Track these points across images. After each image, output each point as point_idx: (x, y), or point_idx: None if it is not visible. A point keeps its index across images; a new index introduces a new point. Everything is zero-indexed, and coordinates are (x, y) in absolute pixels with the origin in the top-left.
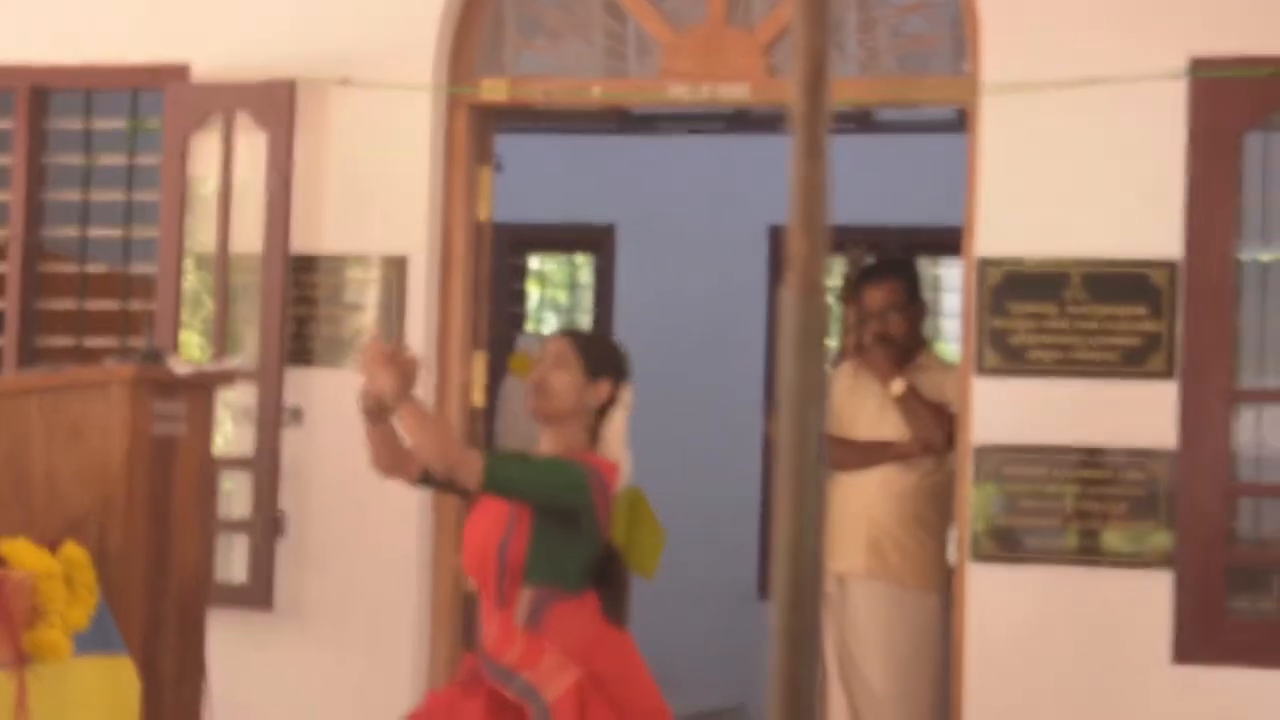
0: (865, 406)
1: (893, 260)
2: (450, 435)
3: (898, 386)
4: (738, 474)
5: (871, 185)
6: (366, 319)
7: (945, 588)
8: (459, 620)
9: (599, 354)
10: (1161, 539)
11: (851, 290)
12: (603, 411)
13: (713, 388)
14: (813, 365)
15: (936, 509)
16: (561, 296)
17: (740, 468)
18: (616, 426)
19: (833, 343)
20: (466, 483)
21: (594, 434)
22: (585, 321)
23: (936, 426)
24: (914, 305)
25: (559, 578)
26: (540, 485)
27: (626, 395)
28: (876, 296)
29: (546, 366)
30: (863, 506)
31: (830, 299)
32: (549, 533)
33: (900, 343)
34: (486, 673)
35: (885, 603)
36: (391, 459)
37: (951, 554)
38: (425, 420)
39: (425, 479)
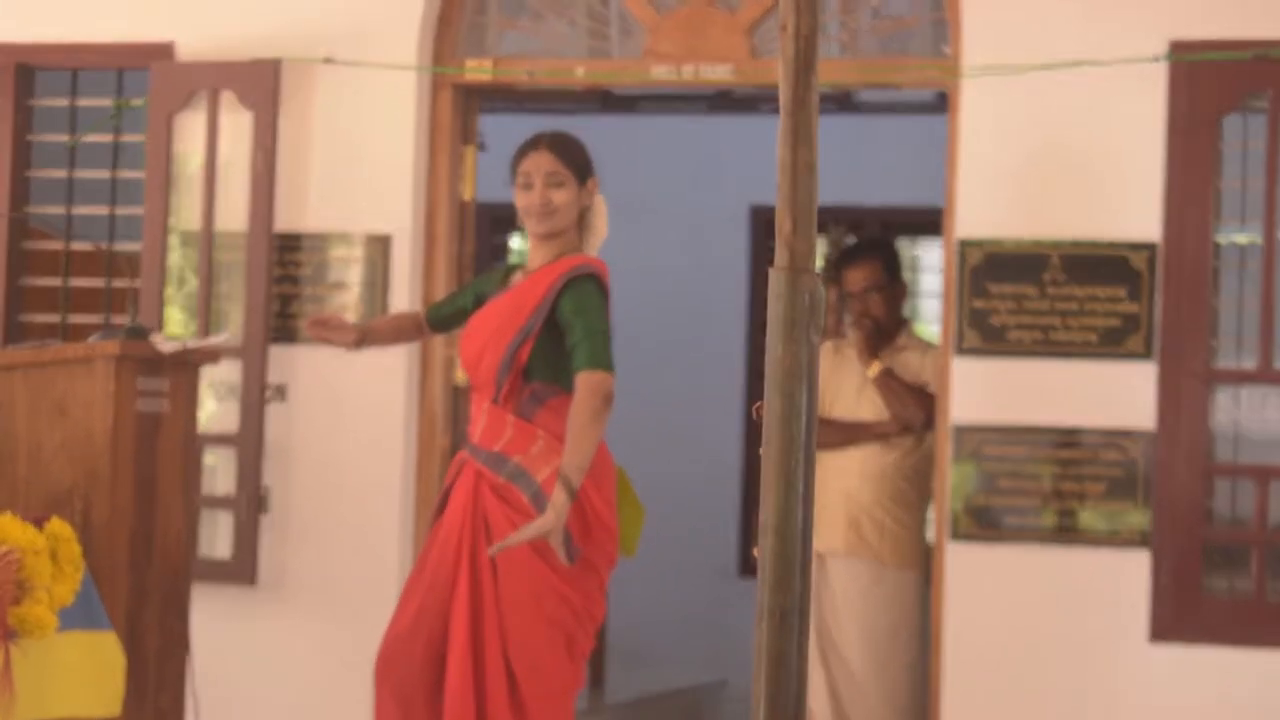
0: (845, 386)
1: (872, 240)
2: (589, 412)
3: (875, 369)
4: (718, 452)
5: (852, 166)
6: (350, 297)
7: (924, 566)
8: None
9: (580, 157)
10: (1139, 518)
11: (832, 271)
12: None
13: (693, 366)
14: (801, 345)
15: (915, 488)
16: None
17: (720, 445)
18: (600, 223)
19: None
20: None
21: (579, 232)
22: None
23: (915, 406)
24: (894, 286)
25: (557, 377)
26: (599, 325)
27: (597, 186)
28: (856, 277)
29: (543, 186)
30: (841, 485)
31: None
32: (551, 336)
33: (880, 323)
34: (476, 459)
35: (864, 581)
36: (395, 342)
37: (930, 533)
38: (579, 449)
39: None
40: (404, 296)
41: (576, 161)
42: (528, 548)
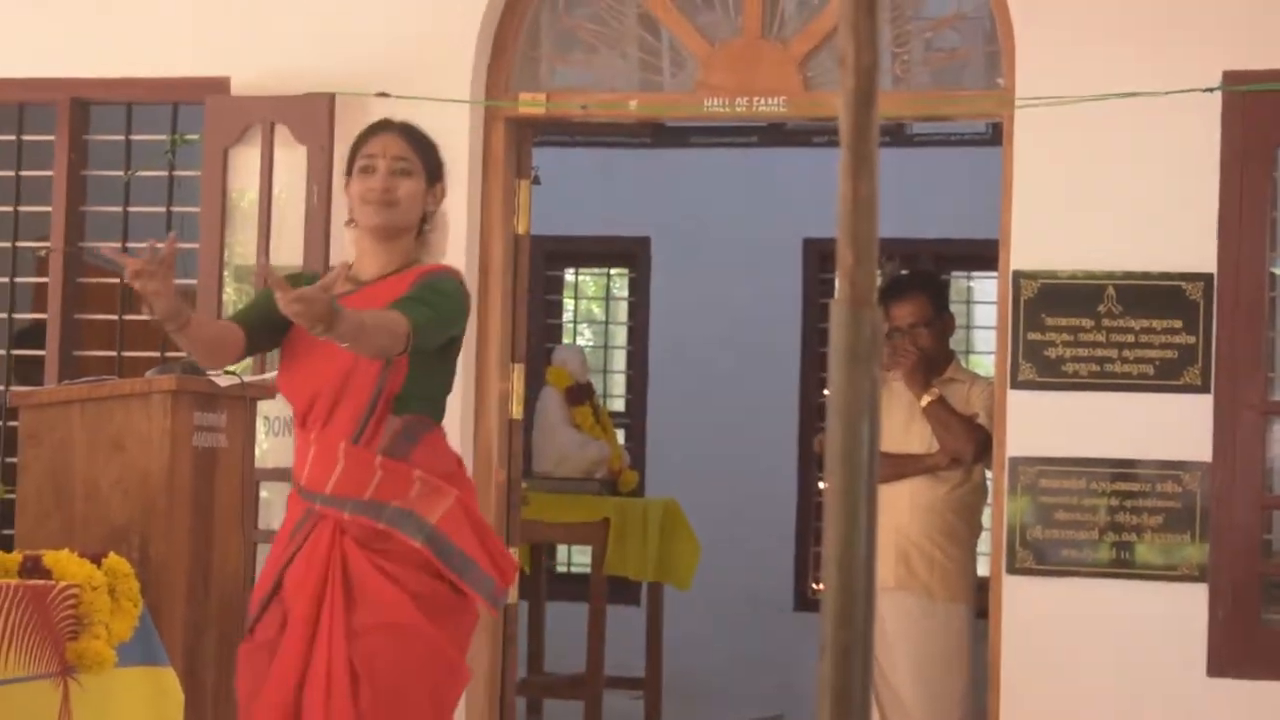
0: (893, 419)
1: (918, 274)
2: (383, 324)
3: (927, 398)
4: (773, 486)
5: (906, 199)
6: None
7: (974, 599)
8: (498, 632)
9: (434, 154)
10: (1196, 552)
11: (879, 305)
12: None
13: (748, 400)
14: (863, 377)
15: (965, 521)
16: (597, 309)
17: (776, 480)
18: (441, 241)
19: None
20: (394, 351)
21: (421, 240)
22: (620, 336)
23: (966, 438)
24: (941, 319)
25: (429, 407)
26: (445, 321)
27: (445, 195)
28: (904, 312)
29: (388, 171)
30: (891, 519)
31: None
32: (428, 362)
33: (929, 356)
34: (336, 509)
35: (914, 615)
36: (210, 350)
37: (981, 566)
38: (362, 324)
39: (246, 354)
40: None
41: (430, 156)
42: (413, 608)
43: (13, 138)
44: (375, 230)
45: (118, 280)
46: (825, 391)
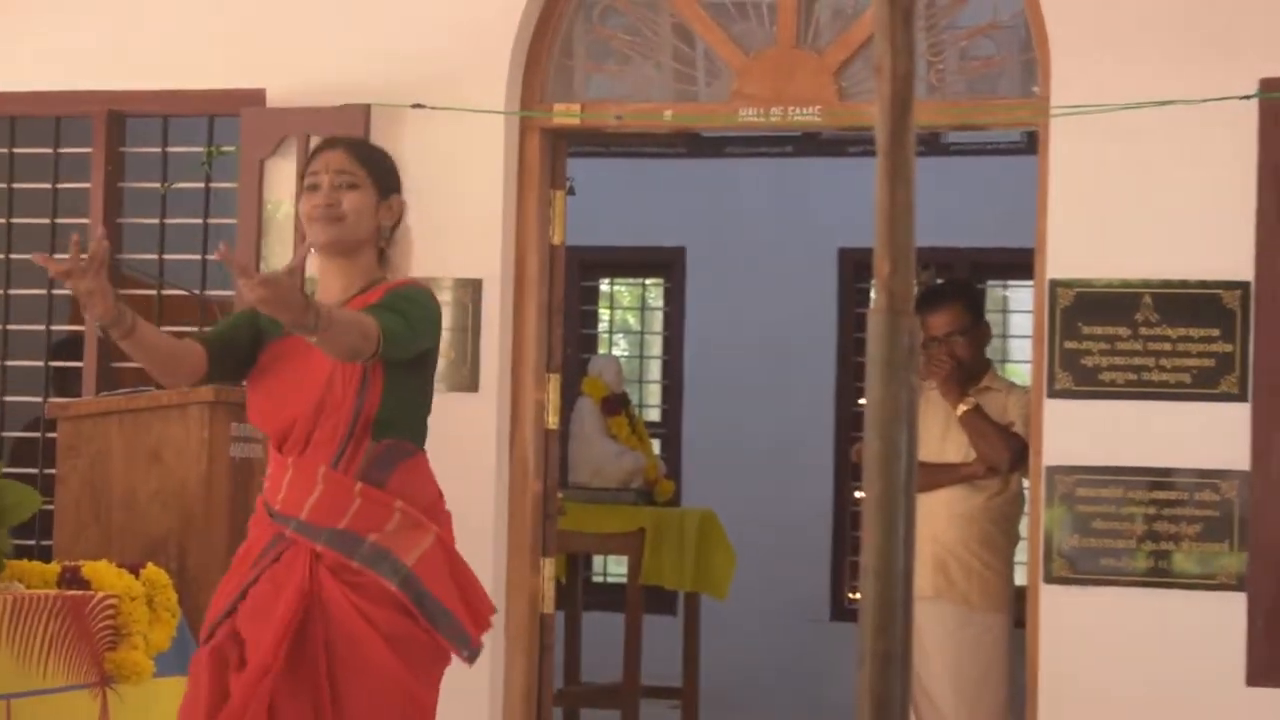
0: (930, 429)
1: (954, 283)
2: (354, 322)
3: (963, 407)
4: (809, 495)
5: (941, 208)
6: (440, 342)
7: (1012, 609)
8: (535, 642)
9: (384, 166)
10: (1233, 561)
11: (916, 313)
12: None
13: (783, 409)
14: (900, 387)
15: (1002, 530)
16: (632, 319)
17: (812, 489)
18: (401, 257)
19: None
20: (364, 353)
21: (382, 259)
22: (656, 346)
23: (1003, 447)
24: (977, 328)
25: (409, 431)
26: (416, 329)
27: (404, 210)
28: (939, 321)
29: (331, 186)
30: (928, 528)
31: None
32: (404, 381)
33: (964, 365)
34: (311, 539)
35: (952, 624)
36: (165, 364)
37: (1018, 575)
38: (332, 318)
39: (209, 378)
40: (494, 341)
41: (378, 168)
42: (386, 650)
43: (50, 150)
44: (326, 248)
45: (154, 291)
46: (862, 401)
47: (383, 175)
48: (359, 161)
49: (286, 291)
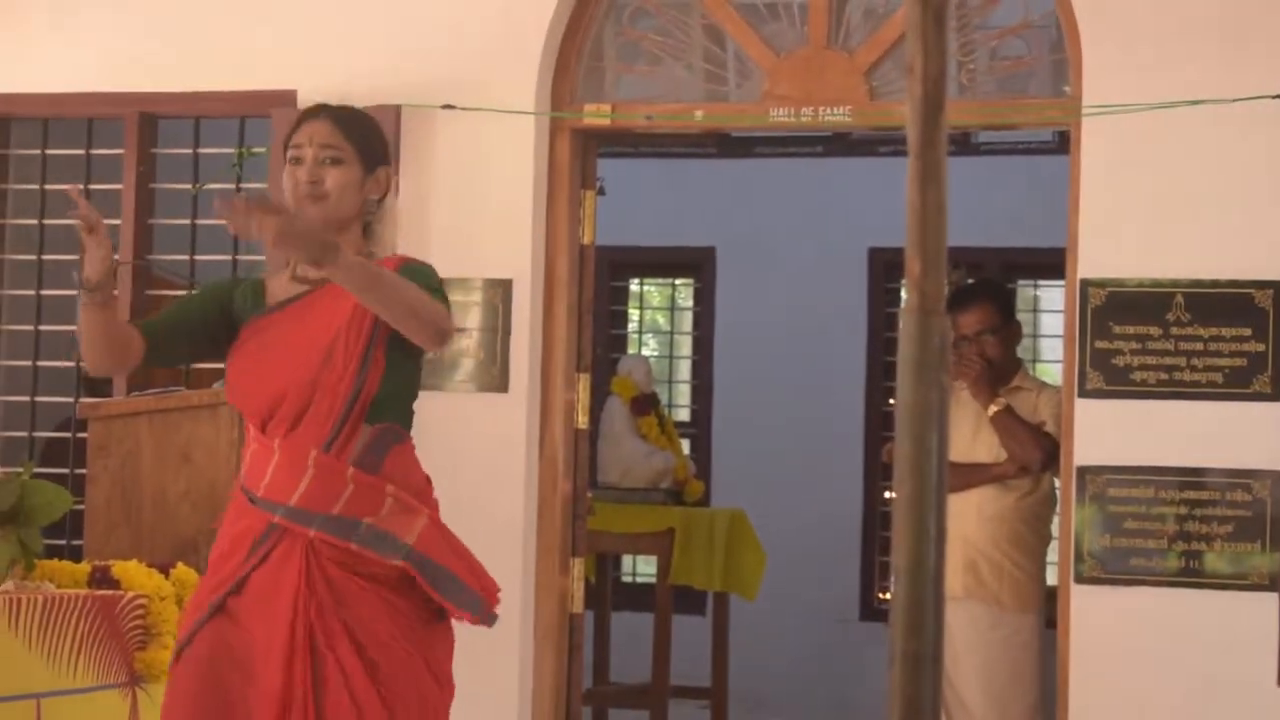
0: (960, 428)
1: (984, 282)
2: (419, 293)
3: (995, 407)
4: (838, 495)
5: (972, 208)
6: (470, 342)
7: (1044, 609)
8: (564, 642)
9: (370, 136)
10: (1266, 560)
11: (946, 313)
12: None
13: (813, 409)
14: (931, 387)
15: (1033, 530)
16: (662, 319)
17: (841, 489)
18: (389, 232)
19: None
20: (434, 329)
21: (368, 232)
22: (685, 346)
23: (1034, 446)
24: (1007, 327)
25: (401, 416)
26: (444, 296)
27: (391, 180)
28: (970, 320)
29: (315, 161)
30: (959, 528)
31: None
32: (403, 364)
33: (995, 364)
34: (304, 525)
35: (983, 625)
36: (111, 345)
37: (1049, 575)
38: (398, 281)
39: (145, 363)
40: (524, 341)
41: (365, 140)
42: (414, 654)
43: (82, 152)
44: None
45: (185, 292)
46: (892, 401)
47: (369, 147)
48: (344, 134)
49: (310, 226)
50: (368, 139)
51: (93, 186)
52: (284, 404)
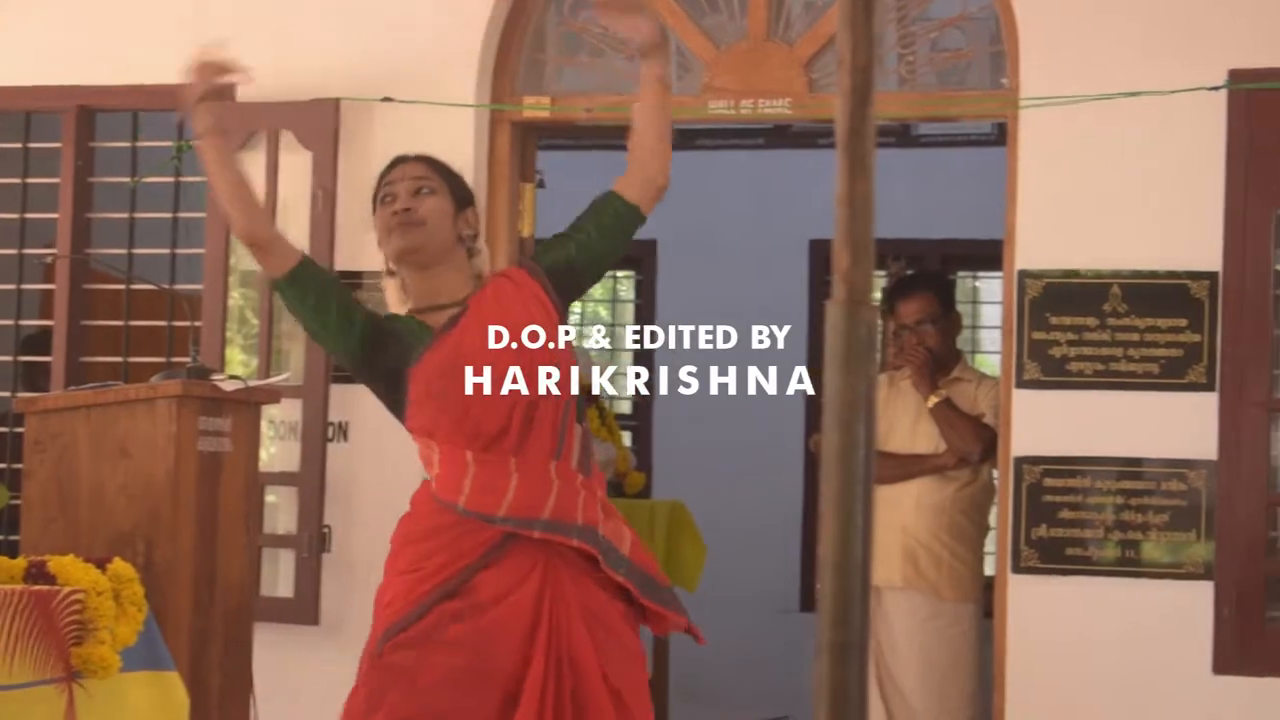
0: (900, 419)
1: (925, 273)
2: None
3: (934, 399)
4: (779, 487)
5: (912, 200)
6: None
7: (982, 599)
8: None
9: (460, 180)
10: (1201, 550)
11: (886, 304)
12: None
13: (753, 401)
14: (859, 378)
15: (972, 520)
16: (603, 312)
17: (782, 481)
18: (485, 262)
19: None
20: (667, 166)
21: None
22: (628, 338)
23: (973, 438)
24: (947, 317)
25: (581, 408)
26: None
27: (479, 225)
28: (910, 309)
29: (407, 194)
30: (898, 519)
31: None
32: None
33: (935, 354)
34: (565, 536)
35: (922, 614)
36: (249, 208)
37: (988, 566)
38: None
39: (294, 272)
40: None
41: (453, 178)
42: (635, 639)
43: (19, 145)
44: (408, 255)
45: (123, 286)
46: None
47: (458, 185)
48: (435, 170)
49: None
50: (456, 179)
51: (30, 181)
52: (514, 421)
